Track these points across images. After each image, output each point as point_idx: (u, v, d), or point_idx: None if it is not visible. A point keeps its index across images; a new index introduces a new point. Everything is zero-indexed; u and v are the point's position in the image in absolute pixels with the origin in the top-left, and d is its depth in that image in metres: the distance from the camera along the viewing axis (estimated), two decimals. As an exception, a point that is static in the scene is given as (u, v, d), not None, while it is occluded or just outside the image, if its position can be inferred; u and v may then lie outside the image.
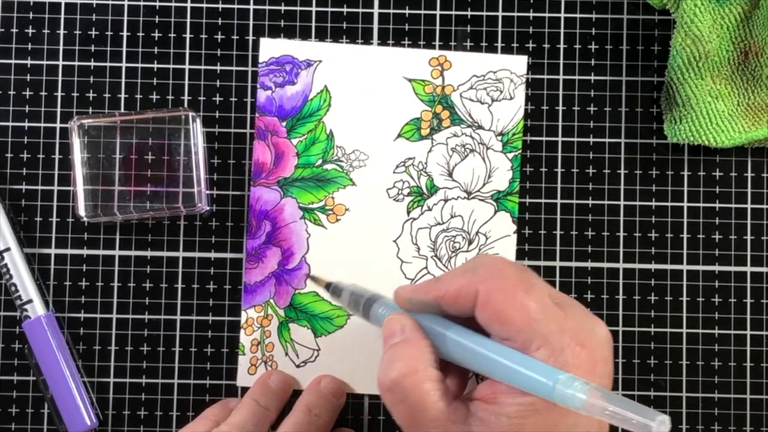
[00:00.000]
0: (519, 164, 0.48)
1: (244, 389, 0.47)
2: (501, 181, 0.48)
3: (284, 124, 0.48)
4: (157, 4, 0.48)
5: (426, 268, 0.48)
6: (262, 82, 0.48)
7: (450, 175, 0.48)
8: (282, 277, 0.48)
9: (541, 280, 0.37)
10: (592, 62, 0.49)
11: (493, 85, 0.48)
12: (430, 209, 0.48)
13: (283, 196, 0.48)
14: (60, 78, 0.48)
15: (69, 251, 0.48)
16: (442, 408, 0.34)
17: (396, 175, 0.48)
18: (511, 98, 0.48)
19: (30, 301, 0.46)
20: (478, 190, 0.48)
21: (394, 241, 0.48)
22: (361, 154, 0.48)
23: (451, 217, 0.48)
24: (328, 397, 0.46)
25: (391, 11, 0.49)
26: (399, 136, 0.48)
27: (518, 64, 0.48)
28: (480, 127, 0.48)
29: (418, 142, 0.48)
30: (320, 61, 0.48)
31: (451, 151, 0.48)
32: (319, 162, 0.48)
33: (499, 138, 0.48)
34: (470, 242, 0.48)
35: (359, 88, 0.48)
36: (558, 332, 0.33)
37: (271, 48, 0.48)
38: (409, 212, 0.48)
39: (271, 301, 0.48)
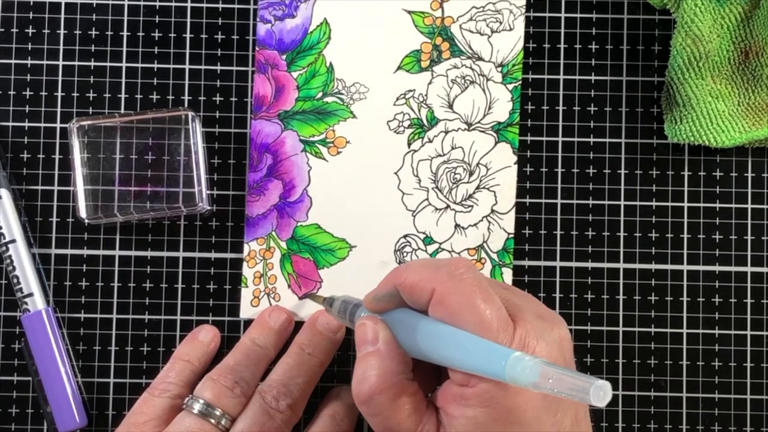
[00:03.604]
0: (519, 95, 0.48)
1: (247, 322, 0.47)
2: (501, 112, 0.48)
3: (284, 57, 0.48)
4: (157, 4, 0.48)
5: (427, 199, 0.48)
6: (261, 15, 0.48)
7: (450, 106, 0.48)
8: (284, 209, 0.48)
9: (499, 285, 0.37)
10: (593, 62, 0.49)
11: (493, 16, 0.48)
12: (430, 141, 0.48)
13: (284, 129, 0.48)
14: (60, 78, 0.48)
15: (69, 251, 0.48)
16: (415, 421, 0.35)
17: (396, 108, 0.48)
18: (511, 29, 0.48)
19: (30, 295, 0.46)
20: (479, 122, 0.48)
21: (395, 173, 0.48)
22: (361, 87, 0.48)
23: (452, 148, 0.48)
24: (324, 334, 0.45)
25: None
26: (399, 68, 0.48)
27: None
28: (480, 58, 0.48)
29: (418, 74, 0.48)
30: None
31: (451, 83, 0.48)
32: (320, 95, 0.48)
33: (499, 69, 0.48)
34: (471, 173, 0.48)
35: (359, 21, 0.48)
36: (507, 342, 0.33)
37: None
38: (409, 144, 0.48)
39: (273, 233, 0.48)
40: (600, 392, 0.27)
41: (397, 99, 0.48)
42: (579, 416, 0.36)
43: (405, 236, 0.48)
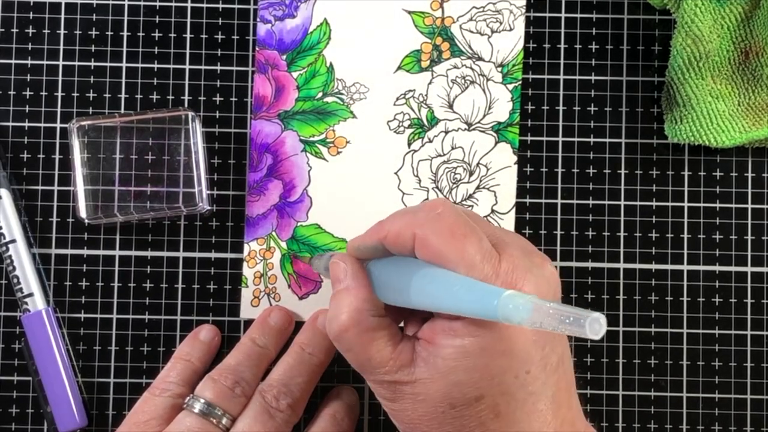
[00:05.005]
0: (519, 95, 0.48)
1: (247, 322, 0.47)
2: (501, 112, 0.48)
3: (284, 57, 0.48)
4: (157, 4, 0.48)
5: (427, 199, 0.48)
6: (261, 16, 0.48)
7: (450, 106, 0.48)
8: (284, 209, 0.48)
9: (483, 221, 0.37)
10: (593, 62, 0.49)
11: (493, 16, 0.48)
12: (430, 141, 0.48)
13: (284, 129, 0.48)
14: (60, 78, 0.48)
15: (69, 251, 0.48)
16: (386, 355, 0.35)
17: (396, 108, 0.48)
18: (511, 29, 0.48)
19: (30, 295, 0.46)
20: (479, 122, 0.48)
21: (395, 173, 0.48)
22: (361, 87, 0.48)
23: (452, 148, 0.48)
24: (324, 333, 0.45)
25: None
26: (399, 68, 0.48)
27: None
28: (480, 58, 0.48)
29: (418, 74, 0.48)
30: None
31: (452, 83, 0.48)
32: (320, 95, 0.48)
33: (499, 69, 0.48)
34: (471, 173, 0.48)
35: (359, 21, 0.48)
36: (492, 276, 0.33)
37: None
38: (409, 144, 0.48)
39: (274, 233, 0.48)
40: (596, 324, 0.27)
41: (397, 99, 0.48)
42: (564, 355, 0.36)
43: None
